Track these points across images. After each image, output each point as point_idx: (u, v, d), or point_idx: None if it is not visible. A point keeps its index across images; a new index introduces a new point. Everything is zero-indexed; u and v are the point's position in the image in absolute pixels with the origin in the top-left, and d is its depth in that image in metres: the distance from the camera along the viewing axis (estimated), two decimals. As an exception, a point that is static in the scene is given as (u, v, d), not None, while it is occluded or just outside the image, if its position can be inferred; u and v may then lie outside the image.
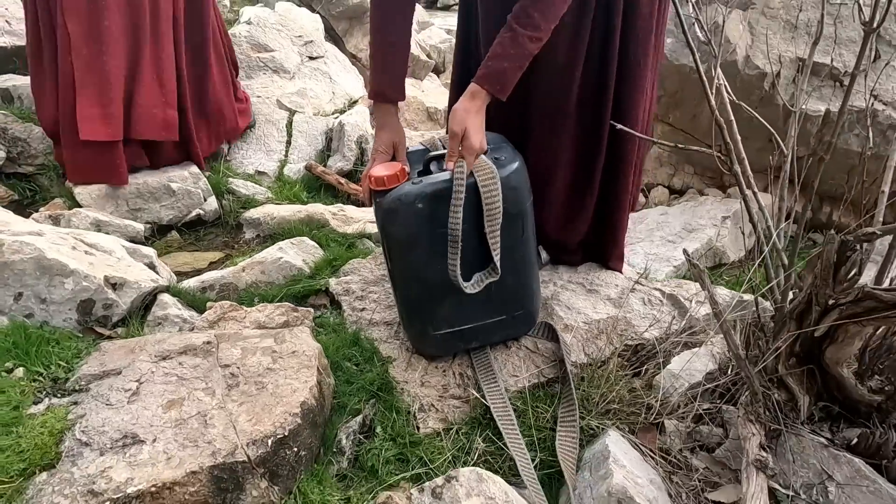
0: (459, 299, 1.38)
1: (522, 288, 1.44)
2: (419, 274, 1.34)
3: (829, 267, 1.07)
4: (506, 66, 1.22)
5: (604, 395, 1.39)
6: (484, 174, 1.26)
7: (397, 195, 1.27)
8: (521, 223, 1.35)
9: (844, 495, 1.13)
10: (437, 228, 1.28)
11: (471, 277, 1.33)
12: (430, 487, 1.14)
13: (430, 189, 1.28)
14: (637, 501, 1.05)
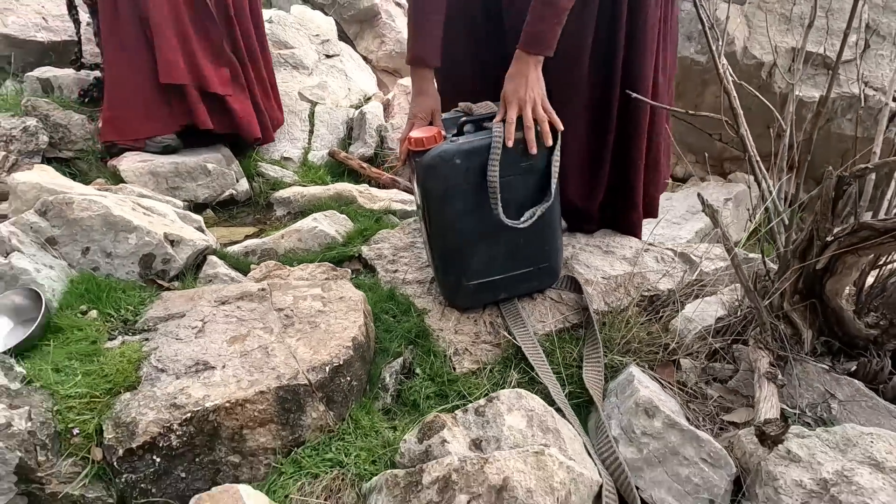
0: (491, 251, 1.52)
1: (548, 241, 1.57)
2: (455, 225, 1.47)
3: (828, 202, 1.20)
4: (543, 27, 1.36)
5: (624, 336, 1.52)
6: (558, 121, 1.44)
7: (437, 152, 1.41)
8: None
9: (846, 411, 1.26)
10: (472, 183, 1.42)
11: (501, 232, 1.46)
12: (472, 407, 1.26)
13: (467, 146, 1.41)
14: (662, 409, 1.18)
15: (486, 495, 1.02)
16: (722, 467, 1.13)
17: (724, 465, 1.13)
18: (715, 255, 1.81)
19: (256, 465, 1.24)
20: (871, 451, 1.05)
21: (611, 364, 1.48)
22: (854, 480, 1.00)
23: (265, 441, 1.23)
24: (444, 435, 1.19)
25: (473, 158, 1.41)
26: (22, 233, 1.48)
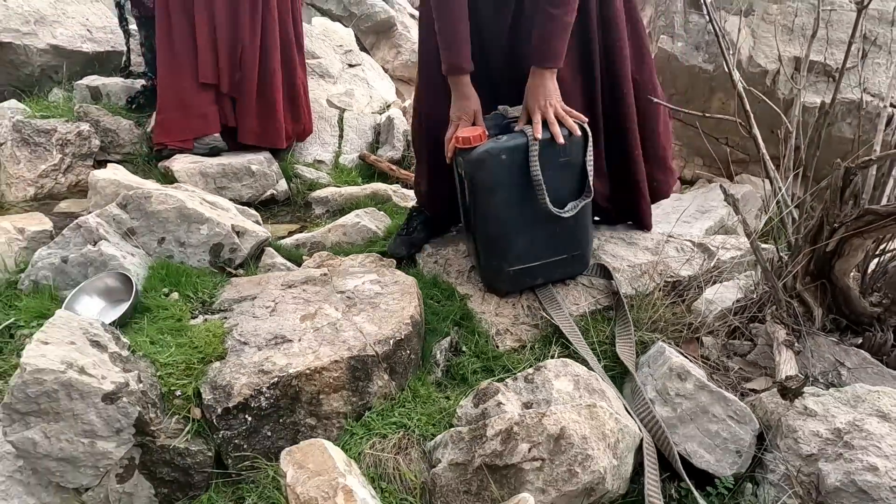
0: (530, 240, 1.67)
1: (580, 231, 1.73)
2: (499, 215, 1.63)
3: (836, 190, 1.37)
4: (553, 43, 1.54)
5: (651, 317, 1.68)
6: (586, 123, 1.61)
7: (485, 149, 1.57)
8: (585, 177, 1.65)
9: (853, 377, 1.42)
10: (515, 177, 1.58)
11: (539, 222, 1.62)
12: (522, 376, 1.42)
13: (511, 144, 1.57)
14: (692, 373, 1.33)
15: (546, 443, 1.17)
16: (747, 423, 1.28)
17: (748, 422, 1.29)
18: (731, 245, 1.97)
19: (330, 428, 1.39)
20: (878, 404, 1.21)
21: (640, 341, 1.63)
22: (864, 428, 1.16)
23: (338, 406, 1.38)
24: (498, 398, 1.34)
25: (516, 155, 1.57)
26: (107, 224, 1.64)
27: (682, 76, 3.23)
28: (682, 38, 3.14)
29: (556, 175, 1.60)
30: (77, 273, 1.57)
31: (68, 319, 1.22)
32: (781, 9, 3.00)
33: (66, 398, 1.09)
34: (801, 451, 1.20)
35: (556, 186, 1.61)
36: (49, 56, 2.93)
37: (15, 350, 1.47)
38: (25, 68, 2.91)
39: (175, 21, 2.39)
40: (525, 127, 1.59)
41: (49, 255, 1.60)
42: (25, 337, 1.49)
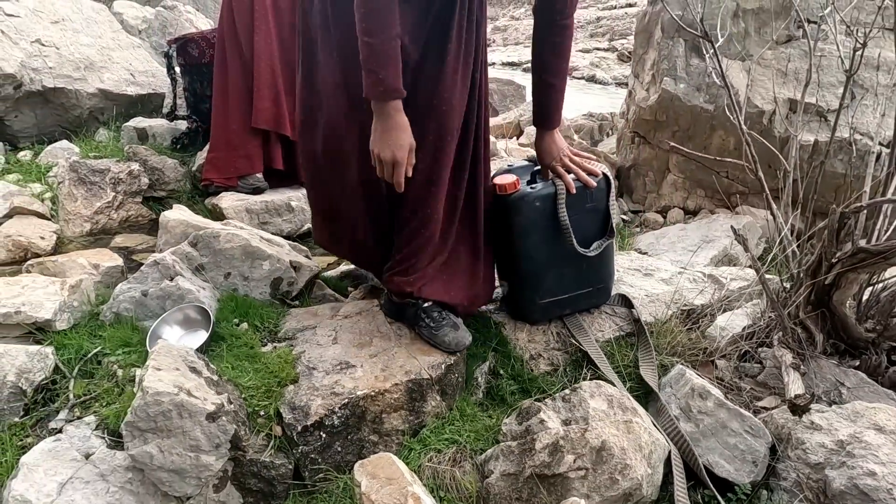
0: (560, 274, 1.86)
1: (604, 266, 1.92)
2: (533, 254, 1.82)
3: (833, 231, 1.57)
4: (556, 110, 1.75)
5: (669, 342, 1.86)
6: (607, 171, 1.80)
7: (521, 195, 1.77)
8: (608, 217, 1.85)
9: (853, 395, 1.60)
10: (546, 220, 1.78)
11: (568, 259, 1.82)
12: (559, 396, 1.60)
13: (544, 192, 1.76)
14: (712, 392, 1.51)
15: (589, 455, 1.35)
16: (761, 437, 1.46)
17: (762, 436, 1.47)
18: (738, 276, 2.17)
19: (390, 443, 1.56)
20: (874, 419, 1.39)
21: (660, 364, 1.81)
22: (863, 439, 1.34)
23: (397, 423, 1.56)
24: (541, 416, 1.52)
25: (547, 202, 1.77)
26: (181, 261, 1.82)
27: (684, 115, 3.47)
28: (683, 80, 3.38)
29: (583, 218, 1.80)
30: (156, 305, 1.75)
31: (169, 348, 1.40)
32: (775, 54, 3.25)
33: (177, 417, 1.27)
34: (809, 460, 1.38)
35: (584, 228, 1.81)
36: (97, 99, 3.14)
37: (105, 375, 1.64)
38: (75, 111, 3.12)
39: (230, 67, 2.61)
40: (555, 180, 1.79)
41: (129, 288, 1.78)
42: (112, 364, 1.67)
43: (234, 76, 2.63)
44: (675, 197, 3.81)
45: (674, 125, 3.53)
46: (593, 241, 1.83)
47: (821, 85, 3.14)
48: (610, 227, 1.84)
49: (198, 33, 2.97)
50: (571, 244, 1.76)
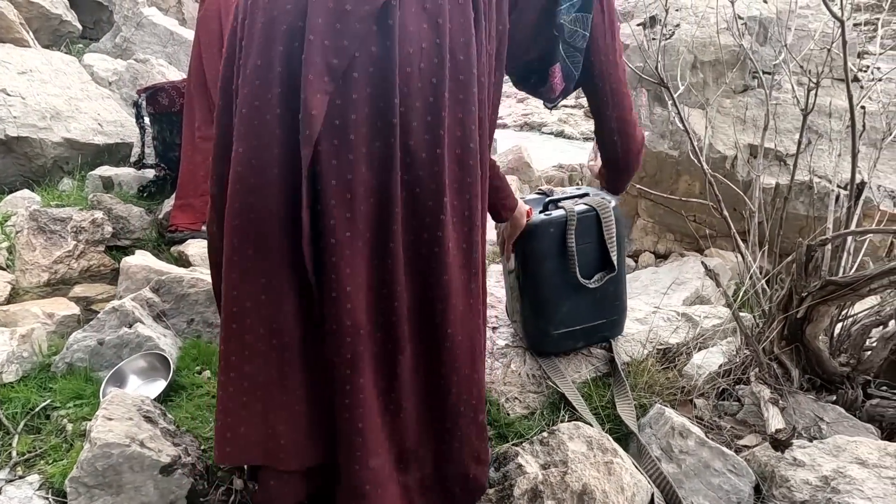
0: (575, 304, 1.82)
1: (617, 298, 1.90)
2: (547, 281, 1.79)
3: (801, 265, 1.58)
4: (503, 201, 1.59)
5: (646, 381, 1.83)
6: (602, 206, 1.78)
7: (535, 222, 1.74)
8: (620, 245, 1.84)
9: (832, 430, 1.58)
10: (561, 248, 1.76)
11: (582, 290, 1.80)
12: (537, 440, 1.53)
13: (557, 219, 1.76)
14: (693, 431, 1.48)
15: (570, 499, 1.28)
16: (745, 476, 1.42)
17: (746, 475, 1.42)
18: (711, 314, 2.17)
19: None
20: (856, 453, 1.36)
21: (639, 404, 1.77)
22: (847, 474, 1.31)
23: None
24: (518, 461, 1.45)
25: (560, 228, 1.76)
26: (141, 307, 1.75)
27: (650, 161, 3.56)
28: (648, 128, 3.50)
29: (591, 248, 1.79)
30: (112, 354, 1.66)
31: (123, 397, 1.32)
32: (734, 103, 3.40)
33: (128, 471, 1.17)
34: (794, 499, 1.34)
35: (592, 259, 1.80)
36: (62, 148, 3.09)
37: (53, 430, 1.53)
38: (38, 160, 3.06)
39: (199, 116, 2.61)
40: (567, 203, 1.79)
41: (84, 337, 1.69)
42: (62, 418, 1.56)
43: (202, 124, 2.62)
44: (646, 241, 3.87)
45: (641, 171, 3.63)
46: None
47: (778, 131, 3.27)
48: (609, 261, 1.83)
49: (168, 82, 2.98)
50: (574, 272, 1.75)
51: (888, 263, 1.44)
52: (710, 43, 3.35)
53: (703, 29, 3.42)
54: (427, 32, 1.03)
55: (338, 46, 0.97)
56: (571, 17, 1.32)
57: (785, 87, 3.28)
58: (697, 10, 3.55)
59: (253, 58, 1.02)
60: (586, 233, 1.76)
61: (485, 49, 1.14)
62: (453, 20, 1.06)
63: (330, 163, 1.01)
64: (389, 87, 1.00)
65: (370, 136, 1.02)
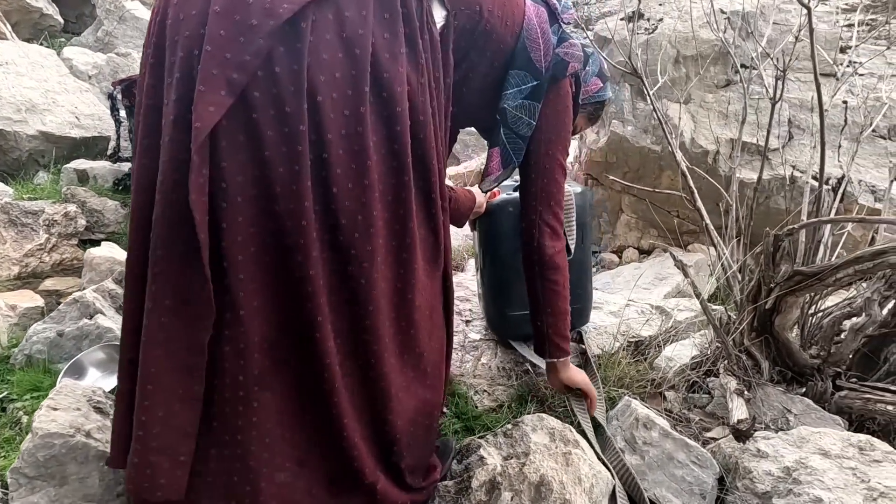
0: None
1: (579, 287, 1.88)
2: (506, 260, 1.77)
3: (769, 255, 1.57)
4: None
5: (617, 374, 1.81)
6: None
7: (497, 202, 1.76)
8: (581, 233, 1.83)
9: (799, 422, 1.56)
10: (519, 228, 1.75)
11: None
12: (501, 431, 1.51)
13: (515, 199, 1.71)
14: (657, 422, 1.46)
15: (527, 491, 1.26)
16: (708, 468, 1.40)
17: (709, 466, 1.40)
18: (684, 306, 2.16)
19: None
20: (819, 443, 1.35)
21: (608, 396, 1.75)
22: (809, 465, 1.29)
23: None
24: (480, 453, 1.43)
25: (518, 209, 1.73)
26: (103, 298, 1.72)
27: (633, 156, 3.54)
28: (631, 123, 3.47)
29: None
30: (72, 346, 1.64)
31: (73, 387, 1.29)
32: (716, 97, 3.37)
33: (72, 462, 1.15)
34: (756, 490, 1.32)
35: None
36: (38, 141, 3.05)
37: (8, 423, 1.51)
38: (13, 153, 3.02)
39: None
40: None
41: (44, 329, 1.66)
42: (18, 410, 1.53)
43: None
44: (630, 237, 3.84)
45: (624, 166, 3.60)
46: None
47: (760, 126, 3.25)
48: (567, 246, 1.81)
49: (144, 75, 2.94)
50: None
51: (854, 252, 1.42)
52: (692, 37, 3.33)
53: (685, 23, 3.40)
54: (342, 62, 0.98)
55: (240, 61, 0.93)
56: (517, 103, 1.28)
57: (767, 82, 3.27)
58: (681, 5, 3.54)
59: (155, 58, 0.99)
60: None
61: (427, 89, 1.10)
62: (378, 53, 1.01)
63: (235, 179, 0.98)
64: (295, 113, 0.96)
65: (277, 160, 0.98)
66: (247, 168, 0.98)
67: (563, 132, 1.34)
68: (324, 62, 0.98)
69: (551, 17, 1.30)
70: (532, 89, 1.25)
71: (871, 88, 3.24)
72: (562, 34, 1.31)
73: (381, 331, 1.13)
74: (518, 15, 1.25)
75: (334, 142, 1.01)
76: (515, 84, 1.25)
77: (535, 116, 1.28)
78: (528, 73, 1.25)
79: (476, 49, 1.22)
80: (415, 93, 1.09)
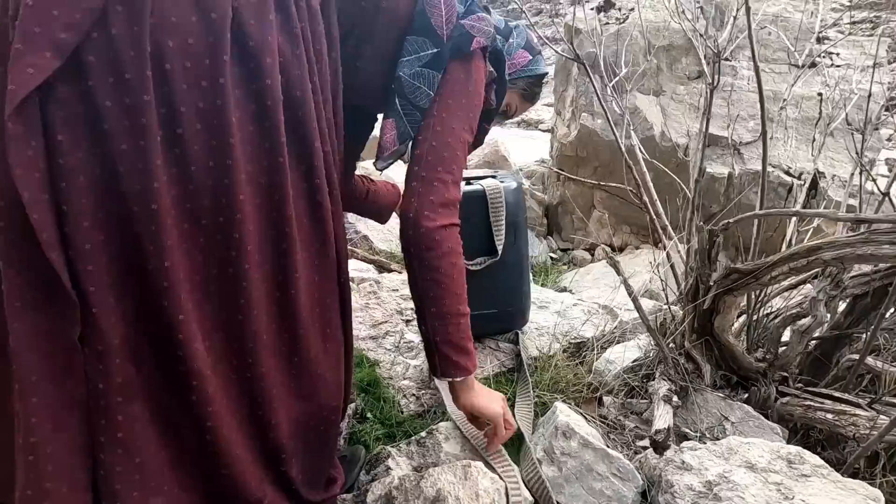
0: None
1: (512, 288, 1.78)
2: None
3: (704, 252, 1.46)
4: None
5: (552, 377, 1.71)
6: (492, 187, 1.67)
7: None
8: (513, 232, 1.72)
9: (737, 430, 1.46)
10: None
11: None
12: (415, 440, 1.42)
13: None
14: (577, 431, 1.35)
15: (422, 506, 1.16)
16: (630, 480, 1.30)
17: (632, 479, 1.30)
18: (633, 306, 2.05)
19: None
20: (747, 456, 1.24)
21: (541, 402, 1.65)
22: (732, 479, 1.19)
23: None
24: (388, 463, 1.34)
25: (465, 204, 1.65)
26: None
27: (604, 150, 3.44)
28: (601, 116, 3.37)
29: (479, 231, 1.68)
30: None
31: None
32: (688, 89, 3.27)
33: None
34: (677, 506, 1.22)
35: (481, 241, 1.70)
36: None
37: None
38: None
39: None
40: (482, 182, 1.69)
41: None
42: None
43: None
44: (602, 234, 3.74)
45: (594, 160, 3.50)
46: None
47: (732, 118, 3.14)
48: (493, 247, 1.71)
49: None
50: None
51: (790, 249, 1.32)
52: (664, 27, 3.23)
53: (657, 13, 3.30)
54: (196, 26, 0.88)
55: (68, 20, 0.82)
56: (414, 70, 1.16)
57: (741, 74, 3.16)
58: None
59: None
60: (474, 214, 1.64)
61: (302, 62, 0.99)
62: (241, 18, 0.91)
63: (75, 155, 0.86)
64: (137, 81, 0.85)
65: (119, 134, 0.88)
66: (87, 143, 0.87)
67: (466, 107, 1.20)
68: (171, 25, 0.88)
69: None
70: (432, 57, 1.15)
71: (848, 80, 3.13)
72: (470, 5, 1.20)
73: (257, 328, 1.02)
74: None
75: (188, 116, 0.90)
76: (413, 51, 1.14)
77: (434, 87, 1.17)
78: (427, 39, 1.14)
79: (365, 19, 1.12)
80: (289, 65, 0.98)
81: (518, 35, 1.44)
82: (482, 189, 1.67)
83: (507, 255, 1.73)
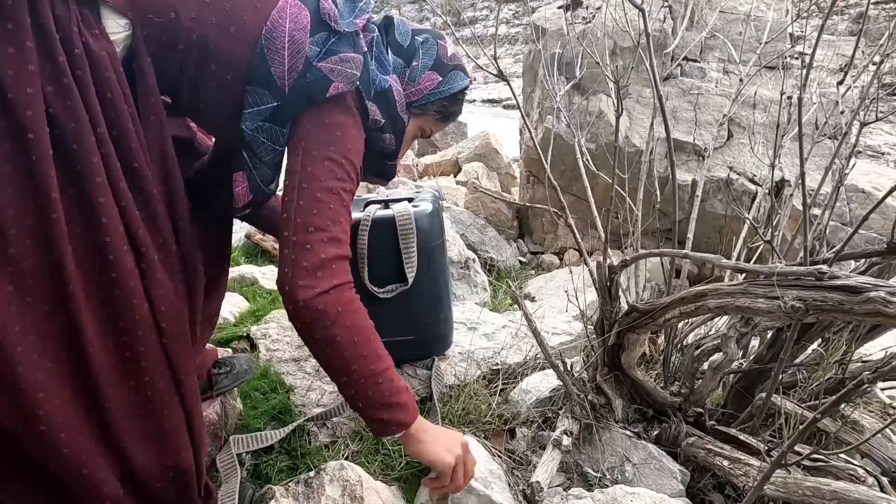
0: (379, 311, 1.66)
1: (428, 315, 1.73)
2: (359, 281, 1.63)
3: (604, 288, 1.41)
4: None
5: (465, 408, 1.67)
6: (402, 212, 1.60)
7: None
8: (427, 259, 1.67)
9: (637, 472, 1.41)
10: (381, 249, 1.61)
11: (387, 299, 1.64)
12: (303, 479, 1.38)
13: (379, 216, 1.61)
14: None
15: (282, 560, 1.13)
16: (513, 529, 1.26)
17: (515, 528, 1.26)
18: (564, 331, 2.00)
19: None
20: (628, 508, 1.20)
21: (450, 435, 1.61)
22: (607, 535, 1.15)
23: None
24: (270, 505, 1.31)
25: (354, 232, 1.59)
26: None
27: (568, 154, 3.35)
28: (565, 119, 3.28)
29: (391, 257, 1.64)
30: None
31: None
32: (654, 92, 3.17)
33: None
34: (551, 560, 1.18)
35: (393, 269, 1.65)
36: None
37: None
38: None
39: None
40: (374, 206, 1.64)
41: None
42: None
43: None
44: (570, 239, 3.67)
45: (560, 164, 3.42)
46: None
47: (698, 123, 3.04)
48: (403, 274, 1.66)
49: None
50: (362, 275, 1.59)
51: (681, 292, 1.26)
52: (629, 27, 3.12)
53: (630, 12, 3.18)
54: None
55: None
56: (255, 125, 1.09)
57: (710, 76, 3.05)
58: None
59: None
60: (384, 241, 1.59)
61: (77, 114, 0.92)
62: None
63: None
64: None
65: None
66: None
67: (336, 154, 1.13)
68: None
69: (318, 24, 1.11)
70: (272, 111, 1.08)
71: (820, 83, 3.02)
72: (331, 45, 1.12)
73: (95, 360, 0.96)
74: (254, 20, 1.07)
75: None
76: (254, 103, 1.08)
77: (280, 142, 1.11)
78: (267, 90, 1.07)
79: (190, 62, 1.05)
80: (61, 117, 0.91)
81: (425, 54, 1.33)
82: (391, 215, 1.62)
83: (421, 283, 1.68)
